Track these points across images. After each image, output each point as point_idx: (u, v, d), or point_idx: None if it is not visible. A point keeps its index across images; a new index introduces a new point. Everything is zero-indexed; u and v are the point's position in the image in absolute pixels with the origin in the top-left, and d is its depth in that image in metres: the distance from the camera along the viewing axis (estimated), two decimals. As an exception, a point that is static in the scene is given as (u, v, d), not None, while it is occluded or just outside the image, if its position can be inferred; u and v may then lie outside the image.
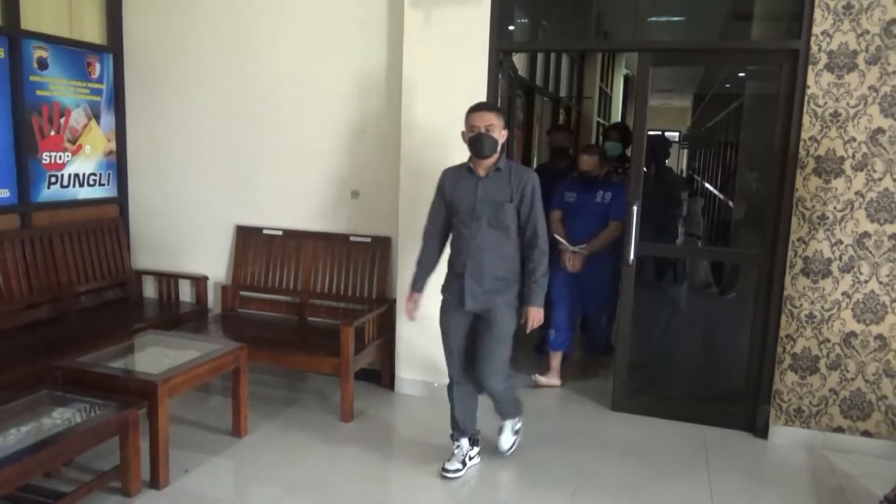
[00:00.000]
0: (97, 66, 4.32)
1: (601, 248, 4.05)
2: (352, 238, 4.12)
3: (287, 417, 3.62)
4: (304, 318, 4.20)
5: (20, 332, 3.65)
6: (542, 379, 4.20)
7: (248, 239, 4.32)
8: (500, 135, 2.85)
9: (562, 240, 4.05)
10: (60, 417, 2.68)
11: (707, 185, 9.03)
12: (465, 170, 2.93)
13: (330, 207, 4.18)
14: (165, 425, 2.84)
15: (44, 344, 3.48)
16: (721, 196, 7.41)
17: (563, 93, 7.45)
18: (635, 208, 3.62)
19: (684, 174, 13.05)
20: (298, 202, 4.26)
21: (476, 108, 2.87)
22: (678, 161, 14.33)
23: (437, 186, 3.01)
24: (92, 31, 4.31)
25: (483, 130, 2.80)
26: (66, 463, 2.85)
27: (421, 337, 3.84)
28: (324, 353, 3.58)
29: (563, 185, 4.28)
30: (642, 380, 4.07)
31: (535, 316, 2.91)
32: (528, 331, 2.98)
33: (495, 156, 2.86)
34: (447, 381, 3.11)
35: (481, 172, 2.88)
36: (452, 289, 2.96)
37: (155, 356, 3.30)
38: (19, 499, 2.45)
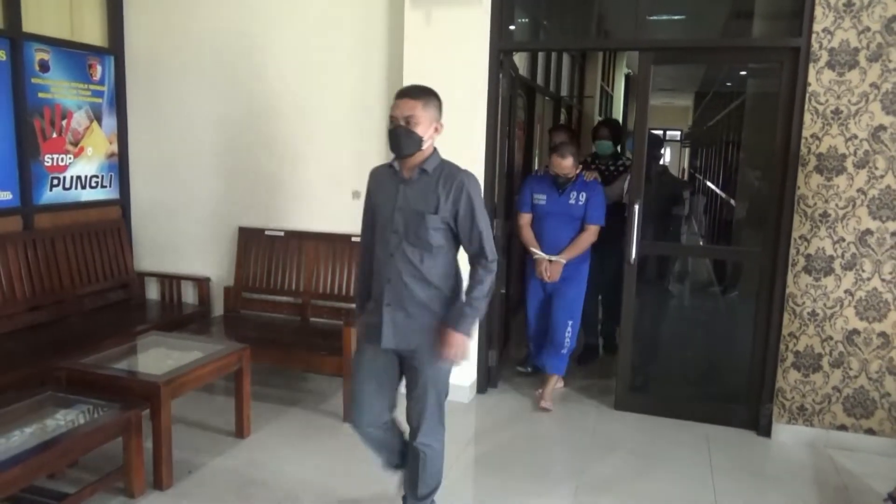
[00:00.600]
0: (98, 68, 4.33)
1: (577, 256, 3.80)
2: (353, 238, 4.12)
3: (290, 418, 3.62)
4: (306, 318, 4.20)
5: (23, 333, 3.66)
6: (545, 395, 3.90)
7: (250, 240, 4.33)
8: (429, 130, 2.27)
9: (536, 249, 3.79)
10: (64, 419, 2.69)
11: (709, 183, 9.03)
12: (390, 169, 2.39)
13: (332, 208, 4.18)
14: (168, 426, 2.84)
15: (47, 345, 3.49)
16: (723, 194, 7.40)
17: (564, 92, 7.44)
18: (637, 207, 3.62)
19: (686, 173, 13.06)
20: (300, 203, 4.26)
21: (399, 95, 2.30)
22: (680, 160, 14.34)
23: (367, 188, 2.51)
24: (93, 32, 4.32)
25: (402, 123, 2.24)
26: (69, 464, 2.85)
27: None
28: (326, 354, 3.58)
29: (531, 185, 3.91)
30: (645, 379, 4.07)
31: (456, 344, 2.25)
32: (447, 363, 2.33)
33: (421, 155, 2.29)
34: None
35: (406, 174, 2.33)
36: (368, 320, 2.41)
37: (158, 357, 3.30)
38: (23, 500, 2.45)
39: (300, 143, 4.19)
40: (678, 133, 15.03)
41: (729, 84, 8.49)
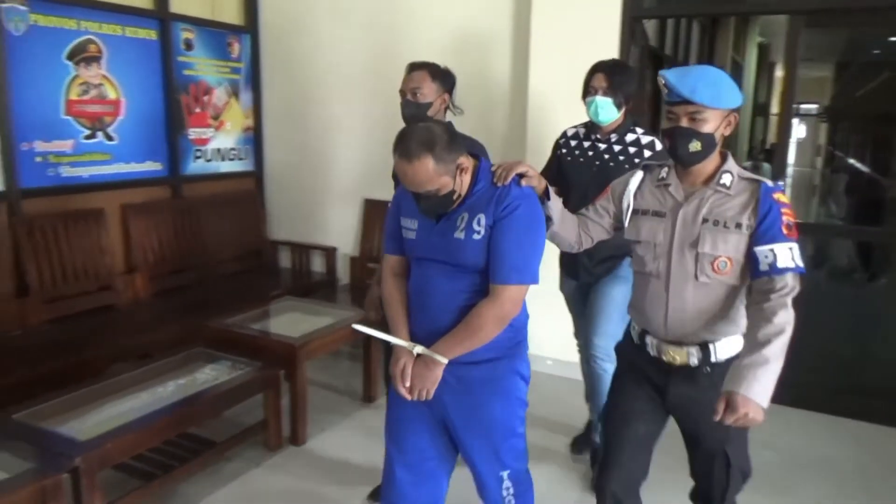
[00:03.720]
0: (237, 46, 4.55)
1: (470, 349, 1.76)
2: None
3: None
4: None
5: (171, 294, 3.95)
6: None
7: (375, 212, 4.43)
8: None
9: (381, 335, 1.86)
10: (212, 373, 2.88)
11: (852, 160, 8.31)
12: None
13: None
14: (304, 386, 2.98)
15: (191, 306, 3.75)
16: (869, 171, 6.79)
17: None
18: (781, 184, 3.37)
19: (823, 149, 12.08)
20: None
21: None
22: (815, 136, 13.28)
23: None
24: (231, 12, 4.53)
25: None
26: (215, 416, 3.06)
27: (544, 313, 3.79)
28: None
29: (399, 199, 1.93)
30: (788, 369, 3.81)
31: None
32: None
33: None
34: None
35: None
36: None
37: (292, 321, 3.46)
38: (180, 445, 2.65)
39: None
40: (814, 107, 13.89)
41: (878, 52, 7.75)
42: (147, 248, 3.90)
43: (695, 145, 1.68)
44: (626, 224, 1.87)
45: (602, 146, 2.60)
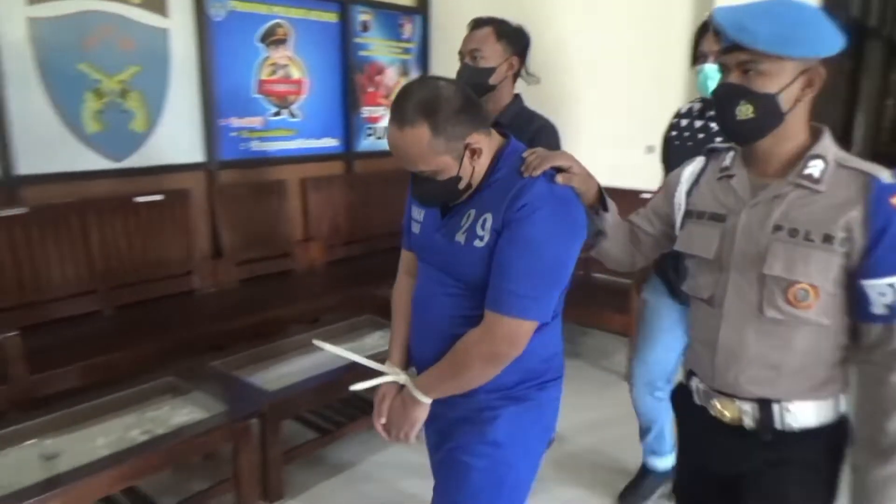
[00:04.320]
0: (408, 27, 4.69)
1: (456, 391, 1.40)
2: (642, 195, 3.95)
3: (570, 369, 3.64)
4: (588, 273, 4.17)
5: (341, 263, 4.19)
6: None
7: (535, 192, 4.40)
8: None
9: (348, 355, 1.60)
10: (379, 340, 3.03)
11: None
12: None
13: (622, 162, 4.03)
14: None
15: (359, 275, 3.93)
16: None
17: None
18: None
19: None
20: (589, 157, 4.15)
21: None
22: None
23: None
24: (405, -7, 4.69)
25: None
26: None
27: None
28: (611, 311, 3.53)
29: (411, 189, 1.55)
30: None
31: None
32: None
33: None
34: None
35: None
36: None
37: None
38: (349, 403, 2.82)
39: (590, 96, 4.10)
40: None
41: None
42: (322, 219, 4.16)
43: (745, 110, 1.13)
44: (678, 231, 1.37)
45: (715, 127, 2.01)
